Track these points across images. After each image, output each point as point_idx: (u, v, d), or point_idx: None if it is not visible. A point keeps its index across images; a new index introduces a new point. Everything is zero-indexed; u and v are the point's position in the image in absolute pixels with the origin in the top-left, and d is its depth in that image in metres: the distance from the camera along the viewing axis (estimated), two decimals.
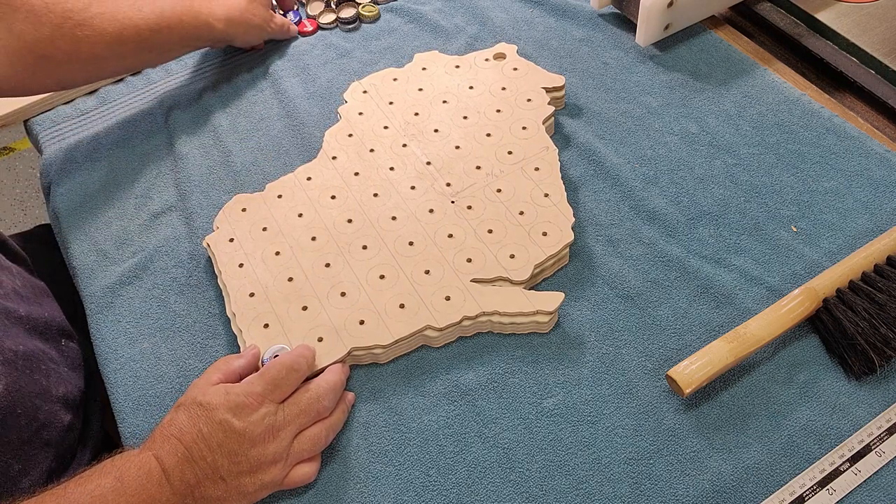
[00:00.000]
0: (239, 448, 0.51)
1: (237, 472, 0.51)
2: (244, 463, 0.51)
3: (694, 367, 0.56)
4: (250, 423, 0.52)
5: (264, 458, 0.52)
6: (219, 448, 0.51)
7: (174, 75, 0.84)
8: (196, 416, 0.52)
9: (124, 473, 0.50)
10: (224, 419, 0.51)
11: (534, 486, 0.54)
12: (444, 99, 0.75)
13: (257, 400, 0.53)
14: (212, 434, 0.51)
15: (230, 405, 0.52)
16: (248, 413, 0.52)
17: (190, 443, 0.51)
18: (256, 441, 0.52)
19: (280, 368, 0.55)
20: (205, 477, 0.50)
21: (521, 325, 0.61)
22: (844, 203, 0.67)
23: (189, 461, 0.50)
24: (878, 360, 0.56)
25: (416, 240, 0.65)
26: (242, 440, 0.51)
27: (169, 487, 0.50)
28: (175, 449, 0.51)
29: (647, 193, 0.69)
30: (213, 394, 0.53)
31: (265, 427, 0.52)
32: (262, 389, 0.53)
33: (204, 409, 0.52)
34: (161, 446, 0.51)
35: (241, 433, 0.51)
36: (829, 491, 0.52)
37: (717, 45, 0.81)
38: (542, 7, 0.87)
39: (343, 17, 0.88)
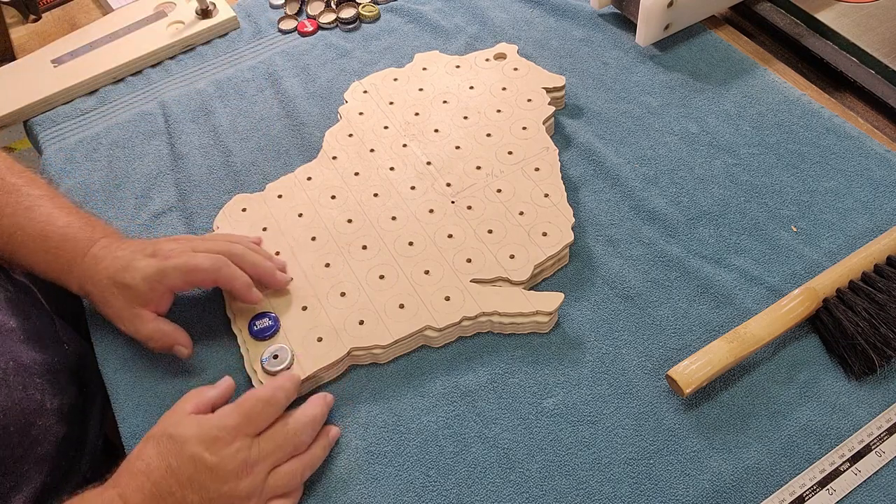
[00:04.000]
0: (210, 484, 0.49)
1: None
2: (216, 500, 0.49)
3: (694, 367, 0.56)
4: (223, 457, 0.49)
5: (236, 494, 0.49)
6: (189, 483, 0.48)
7: (174, 75, 0.84)
8: (166, 449, 0.49)
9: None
10: (195, 453, 0.49)
11: (534, 486, 0.54)
12: (445, 99, 0.75)
13: (231, 434, 0.50)
14: (181, 468, 0.49)
15: (202, 438, 0.50)
16: (221, 447, 0.50)
17: (158, 479, 0.48)
18: (229, 477, 0.49)
19: (256, 402, 0.52)
20: None
21: (521, 325, 0.61)
22: (844, 203, 0.67)
23: (156, 498, 0.48)
24: (878, 360, 0.56)
25: (416, 240, 0.65)
26: (214, 476, 0.49)
27: None
28: (141, 486, 0.48)
29: (647, 193, 0.69)
30: (184, 426, 0.50)
31: (238, 462, 0.50)
32: (236, 422, 0.51)
33: (174, 441, 0.49)
34: (127, 483, 0.49)
35: (213, 468, 0.49)
36: (829, 491, 0.52)
37: (717, 45, 0.81)
38: (542, 7, 0.87)
39: (343, 17, 0.88)
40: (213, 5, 0.88)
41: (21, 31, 0.93)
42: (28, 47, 0.90)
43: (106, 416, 0.69)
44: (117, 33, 0.87)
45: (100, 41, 0.86)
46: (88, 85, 0.83)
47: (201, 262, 0.58)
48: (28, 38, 0.92)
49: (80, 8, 0.95)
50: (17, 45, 0.91)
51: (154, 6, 0.90)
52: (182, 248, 0.59)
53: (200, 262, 0.58)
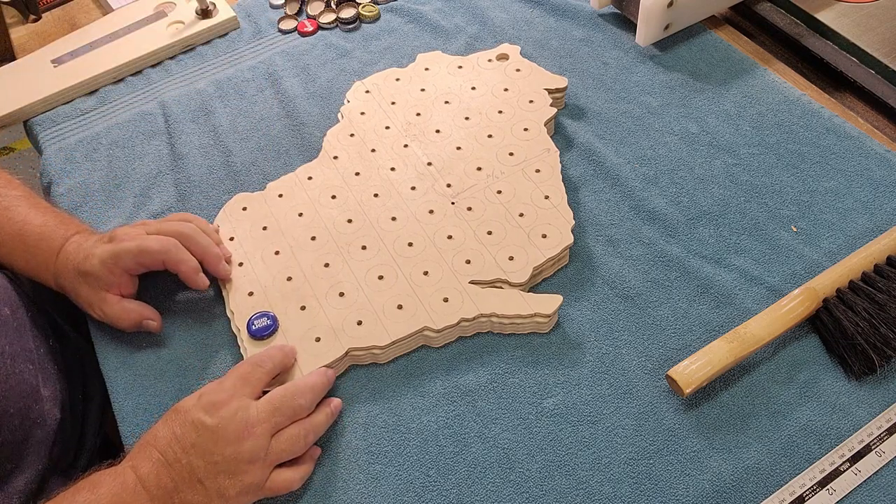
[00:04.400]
0: (213, 447, 0.50)
1: (214, 473, 0.50)
2: (221, 463, 0.50)
3: (694, 367, 0.56)
4: (222, 419, 0.51)
5: (241, 456, 0.51)
6: (192, 449, 0.50)
7: (174, 75, 0.84)
8: (171, 420, 0.52)
9: (99, 486, 0.49)
10: (195, 418, 0.51)
11: (534, 486, 0.54)
12: (447, 99, 0.75)
13: (227, 395, 0.52)
14: (185, 435, 0.51)
15: (202, 405, 0.52)
16: (219, 409, 0.52)
17: (164, 447, 0.51)
18: (231, 439, 0.51)
19: (247, 364, 0.55)
20: (182, 481, 0.50)
21: (520, 325, 0.61)
22: (844, 203, 0.67)
23: (164, 465, 0.50)
24: (878, 360, 0.56)
25: (416, 240, 0.65)
26: (216, 438, 0.51)
27: (146, 494, 0.49)
28: (150, 455, 0.50)
29: (647, 193, 0.69)
30: (188, 399, 0.53)
31: (238, 423, 0.51)
32: (231, 384, 0.53)
33: (178, 413, 0.52)
34: (137, 455, 0.51)
35: (214, 430, 0.51)
36: (829, 491, 0.52)
37: (717, 45, 0.81)
38: (542, 7, 0.87)
39: (343, 17, 0.88)
40: (213, 5, 0.88)
41: (21, 31, 0.93)
42: (28, 47, 0.90)
43: (106, 415, 0.69)
44: (117, 33, 0.87)
45: (100, 41, 0.86)
46: (88, 85, 0.83)
47: (151, 244, 0.60)
48: (28, 38, 0.92)
49: (80, 8, 0.95)
50: (17, 45, 0.91)
51: (154, 6, 0.90)
52: (137, 231, 0.62)
53: (150, 244, 0.60)
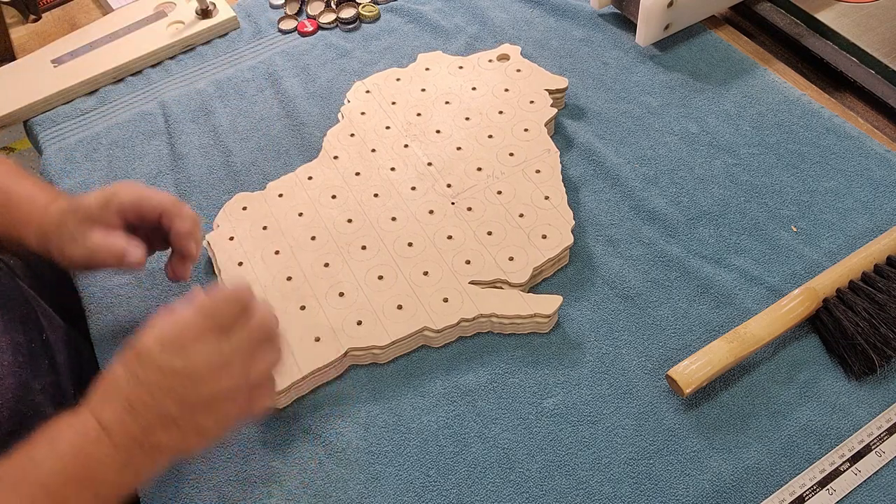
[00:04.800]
0: (186, 388, 0.46)
1: (191, 414, 0.47)
2: (197, 403, 0.47)
3: (694, 367, 0.56)
4: (192, 360, 0.46)
5: (218, 394, 0.47)
6: (161, 393, 0.46)
7: (174, 75, 0.84)
8: (131, 363, 0.47)
9: (58, 438, 0.46)
10: (160, 360, 0.46)
11: (534, 486, 0.54)
12: (447, 100, 0.75)
13: (193, 332, 0.47)
14: (150, 378, 0.46)
15: (164, 343, 0.47)
16: (188, 349, 0.47)
17: (128, 393, 0.46)
18: (205, 378, 0.47)
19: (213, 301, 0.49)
20: (152, 426, 0.46)
21: (520, 325, 0.61)
22: (844, 203, 0.67)
23: (130, 412, 0.46)
24: (878, 360, 0.56)
25: (416, 241, 0.65)
26: (188, 380, 0.46)
27: (109, 442, 0.46)
28: (113, 401, 0.46)
29: (647, 193, 0.69)
30: (146, 337, 0.47)
31: (210, 361, 0.47)
32: (195, 319, 0.48)
33: (139, 356, 0.47)
34: (98, 403, 0.47)
35: (184, 373, 0.46)
36: (829, 491, 0.52)
37: (717, 45, 0.81)
38: (542, 7, 0.87)
39: (343, 17, 0.88)
40: (213, 5, 0.88)
41: (21, 31, 0.93)
42: (28, 47, 0.90)
43: None
44: (117, 33, 0.87)
45: (100, 41, 0.86)
46: (88, 85, 0.83)
47: (153, 192, 0.59)
48: (28, 38, 0.92)
49: (80, 8, 0.95)
50: (17, 45, 0.91)
51: (154, 6, 0.90)
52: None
53: (153, 192, 0.59)
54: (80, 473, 0.45)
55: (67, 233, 0.58)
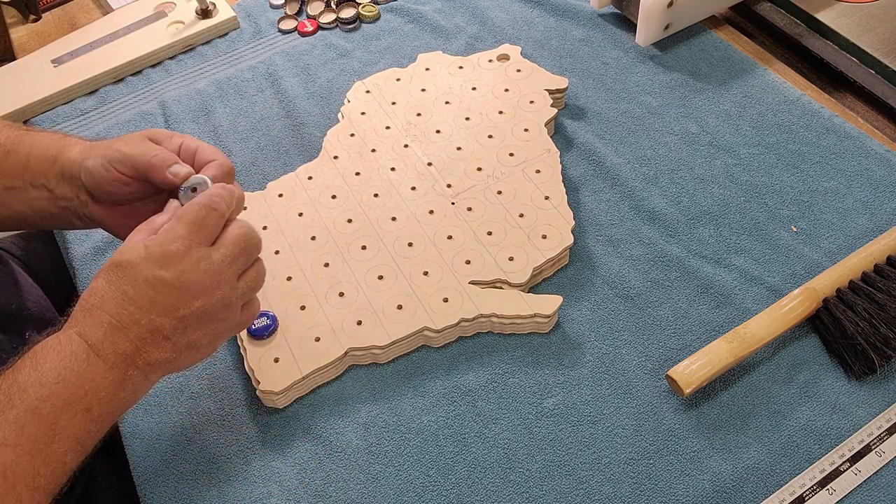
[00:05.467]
0: (178, 301, 0.45)
1: (182, 328, 0.46)
2: (189, 317, 0.46)
3: (694, 367, 0.56)
4: (183, 272, 0.45)
5: (212, 306, 0.46)
6: (152, 307, 0.45)
7: (174, 75, 0.84)
8: (116, 278, 0.45)
9: (43, 361, 0.44)
10: (150, 275, 0.45)
11: (534, 486, 0.54)
12: (447, 100, 0.75)
13: (184, 244, 0.46)
14: (140, 294, 0.45)
15: (153, 258, 0.45)
16: (178, 261, 0.45)
17: (115, 310, 0.45)
18: (198, 291, 0.46)
19: (199, 208, 0.47)
20: (143, 342, 0.45)
21: (521, 325, 0.61)
22: (844, 203, 0.67)
23: (119, 329, 0.45)
24: (878, 360, 0.56)
25: (416, 241, 0.65)
26: (180, 293, 0.45)
27: (101, 362, 0.44)
28: (99, 320, 0.45)
29: (647, 193, 0.69)
30: (130, 251, 0.46)
31: (202, 273, 0.46)
32: (185, 231, 0.46)
33: (123, 268, 0.45)
34: (83, 321, 0.45)
35: (176, 285, 0.45)
36: (829, 491, 0.52)
37: (717, 45, 0.81)
38: (542, 7, 0.87)
39: (343, 17, 0.88)
40: (213, 5, 0.88)
41: (21, 31, 0.93)
42: (28, 47, 0.90)
43: None
44: (117, 33, 0.87)
45: (100, 41, 0.86)
46: (88, 85, 0.83)
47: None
48: (28, 38, 0.92)
49: (80, 8, 0.95)
50: (17, 45, 0.91)
51: (154, 6, 0.90)
52: None
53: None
54: (72, 396, 0.44)
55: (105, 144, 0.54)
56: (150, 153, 0.52)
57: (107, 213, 0.55)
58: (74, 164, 0.54)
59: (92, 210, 0.55)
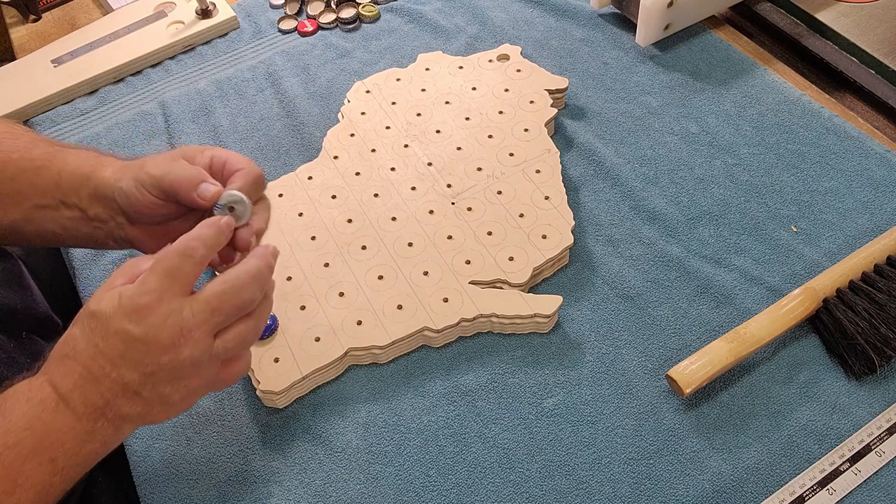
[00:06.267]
0: (146, 357, 0.44)
1: (153, 383, 0.44)
2: (158, 373, 0.44)
3: (694, 367, 0.56)
4: (151, 326, 0.44)
5: (180, 364, 0.44)
6: (122, 361, 0.44)
7: (174, 75, 0.84)
8: (90, 329, 0.44)
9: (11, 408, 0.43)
10: (119, 327, 0.43)
11: (534, 486, 0.54)
12: (447, 100, 0.75)
13: (154, 298, 0.44)
14: (110, 347, 0.44)
15: (125, 310, 0.44)
16: (147, 315, 0.44)
17: (87, 361, 0.44)
18: (166, 347, 0.44)
19: (173, 257, 0.45)
20: (114, 395, 0.44)
21: (521, 325, 0.61)
22: (844, 203, 0.67)
23: (90, 380, 0.44)
24: (878, 360, 0.56)
25: (416, 241, 0.65)
26: (147, 348, 0.44)
27: (69, 413, 0.44)
28: (71, 370, 0.44)
29: (647, 193, 0.69)
30: (106, 300, 0.45)
31: (171, 329, 0.44)
32: (157, 284, 0.44)
33: (97, 319, 0.44)
34: (55, 369, 0.44)
35: (143, 340, 0.43)
36: (829, 491, 0.52)
37: (717, 45, 0.81)
38: (542, 7, 0.87)
39: (343, 17, 0.88)
40: (213, 5, 0.88)
41: (21, 31, 0.93)
42: (28, 47, 0.90)
43: None
44: (117, 33, 0.87)
45: (100, 41, 0.86)
46: (88, 85, 0.83)
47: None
48: (28, 38, 0.92)
49: (80, 8, 0.95)
50: (17, 45, 0.91)
51: (154, 6, 0.90)
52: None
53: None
54: (38, 445, 0.43)
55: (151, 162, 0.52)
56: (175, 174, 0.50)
57: (144, 234, 0.54)
58: (108, 185, 0.53)
59: (128, 231, 0.54)
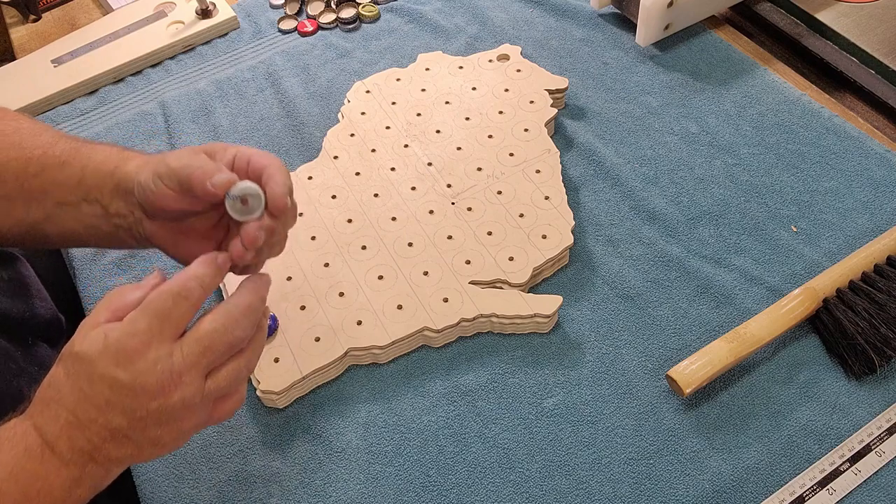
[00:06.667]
0: (135, 403, 0.42)
1: (142, 428, 0.43)
2: (148, 418, 0.43)
3: (694, 367, 0.56)
4: (139, 372, 0.42)
5: (171, 408, 0.43)
6: (108, 407, 0.42)
7: (174, 75, 0.84)
8: (74, 372, 0.43)
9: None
10: (106, 373, 0.42)
11: (534, 486, 0.54)
12: (447, 100, 0.75)
13: (142, 342, 0.42)
14: (96, 392, 0.42)
15: (111, 353, 0.42)
16: (135, 360, 0.42)
17: (73, 406, 0.42)
18: (154, 393, 0.42)
19: (165, 297, 0.43)
20: (102, 440, 0.43)
21: (521, 325, 0.61)
22: (844, 203, 0.67)
23: (77, 426, 0.42)
24: (878, 360, 0.56)
25: (416, 241, 0.65)
26: (135, 394, 0.42)
27: (55, 459, 0.42)
28: (56, 415, 0.42)
29: (647, 193, 0.69)
30: (90, 340, 0.43)
31: (159, 374, 0.42)
32: (146, 326, 0.42)
33: (81, 362, 0.42)
34: (41, 413, 0.43)
35: (131, 387, 0.42)
36: (829, 491, 0.52)
37: (717, 45, 0.81)
38: (542, 7, 0.87)
39: (343, 17, 0.88)
40: (213, 5, 0.88)
41: (21, 31, 0.93)
42: (28, 47, 0.90)
43: None
44: (117, 33, 0.87)
45: (100, 41, 0.86)
46: (88, 85, 0.83)
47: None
48: (28, 38, 0.92)
49: (80, 8, 0.95)
50: (17, 45, 0.91)
51: (154, 6, 0.90)
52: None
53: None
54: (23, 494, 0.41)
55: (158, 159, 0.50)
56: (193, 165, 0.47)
57: (162, 230, 0.52)
58: (130, 179, 0.51)
59: (147, 228, 0.52)
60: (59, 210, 0.53)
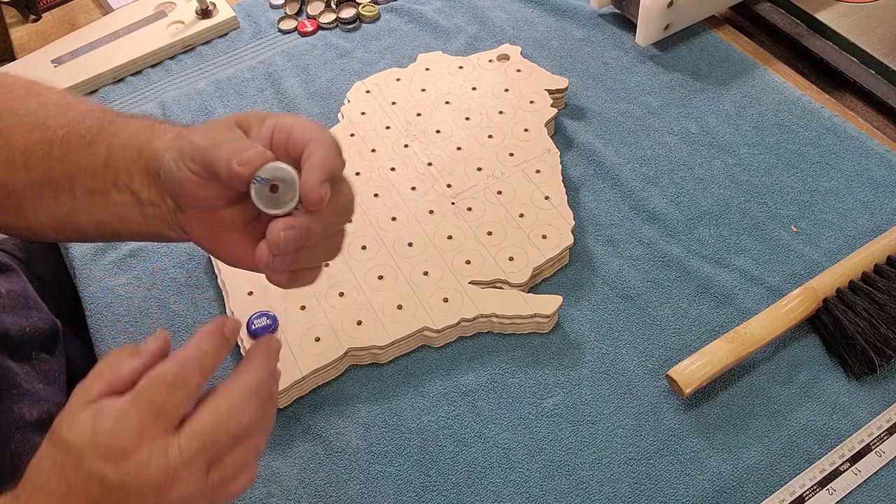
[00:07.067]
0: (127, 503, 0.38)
1: None
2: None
3: (694, 367, 0.56)
4: (130, 472, 0.37)
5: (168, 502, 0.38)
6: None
7: (174, 75, 0.84)
8: (60, 461, 0.38)
9: None
10: (94, 469, 0.37)
11: (534, 486, 0.54)
12: (447, 100, 0.75)
13: (134, 439, 0.37)
14: (84, 489, 0.37)
15: (100, 448, 0.37)
16: (126, 457, 0.37)
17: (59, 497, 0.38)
18: (148, 492, 0.37)
19: (158, 387, 0.38)
20: None
21: (521, 325, 0.61)
22: (844, 203, 0.67)
23: None
24: (878, 360, 0.56)
25: (416, 241, 0.65)
26: (127, 494, 0.37)
27: None
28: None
29: (647, 193, 0.69)
30: (78, 426, 0.38)
31: (155, 472, 0.37)
32: (137, 422, 0.37)
33: (67, 452, 0.38)
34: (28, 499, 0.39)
35: (122, 486, 0.37)
36: (829, 491, 0.52)
37: (717, 45, 0.81)
38: (542, 7, 0.87)
39: (343, 17, 0.88)
40: (213, 5, 0.88)
41: (21, 31, 0.93)
42: (28, 47, 0.90)
43: None
44: (117, 33, 0.87)
45: (100, 41, 0.86)
46: (88, 85, 0.83)
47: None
48: (28, 38, 0.92)
49: (80, 8, 0.95)
50: (17, 45, 0.91)
51: (154, 6, 0.90)
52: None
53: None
54: None
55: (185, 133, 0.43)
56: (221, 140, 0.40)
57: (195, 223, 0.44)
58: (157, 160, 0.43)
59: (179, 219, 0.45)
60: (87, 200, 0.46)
